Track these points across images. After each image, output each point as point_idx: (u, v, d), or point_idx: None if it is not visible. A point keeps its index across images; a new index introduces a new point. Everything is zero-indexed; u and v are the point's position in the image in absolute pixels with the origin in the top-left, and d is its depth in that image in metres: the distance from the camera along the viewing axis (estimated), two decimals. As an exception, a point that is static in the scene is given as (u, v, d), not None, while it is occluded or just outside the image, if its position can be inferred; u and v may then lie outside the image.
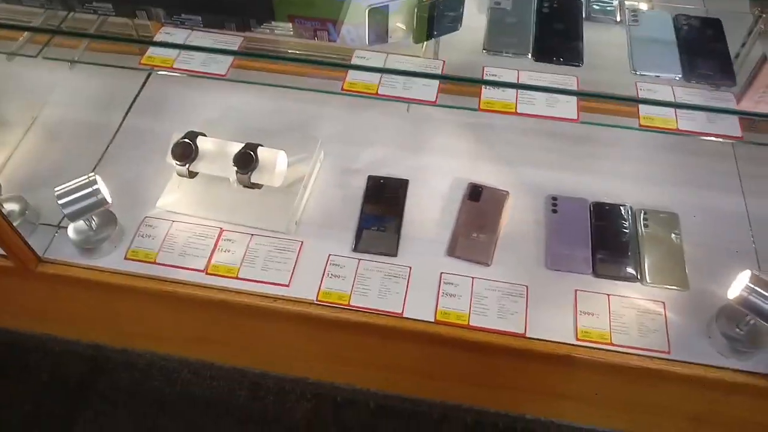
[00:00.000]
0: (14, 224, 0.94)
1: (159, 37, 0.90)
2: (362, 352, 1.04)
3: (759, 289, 0.81)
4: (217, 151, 0.98)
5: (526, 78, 0.86)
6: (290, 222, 1.00)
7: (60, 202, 0.90)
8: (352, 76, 0.86)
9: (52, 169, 1.09)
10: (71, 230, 0.98)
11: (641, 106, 0.81)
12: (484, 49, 0.92)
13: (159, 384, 1.21)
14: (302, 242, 0.99)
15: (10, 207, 1.00)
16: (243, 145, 0.97)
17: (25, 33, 0.94)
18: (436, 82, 0.85)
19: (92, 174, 0.92)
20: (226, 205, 1.01)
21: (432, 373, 1.06)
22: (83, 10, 0.92)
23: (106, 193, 0.92)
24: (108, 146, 1.13)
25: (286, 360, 1.14)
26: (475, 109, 0.83)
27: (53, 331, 1.23)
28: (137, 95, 1.20)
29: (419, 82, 0.85)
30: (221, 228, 1.01)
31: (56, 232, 1.01)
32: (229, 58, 0.88)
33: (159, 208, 1.03)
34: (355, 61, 0.87)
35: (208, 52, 0.88)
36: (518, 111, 0.83)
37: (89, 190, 0.91)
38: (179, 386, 1.20)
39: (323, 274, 0.96)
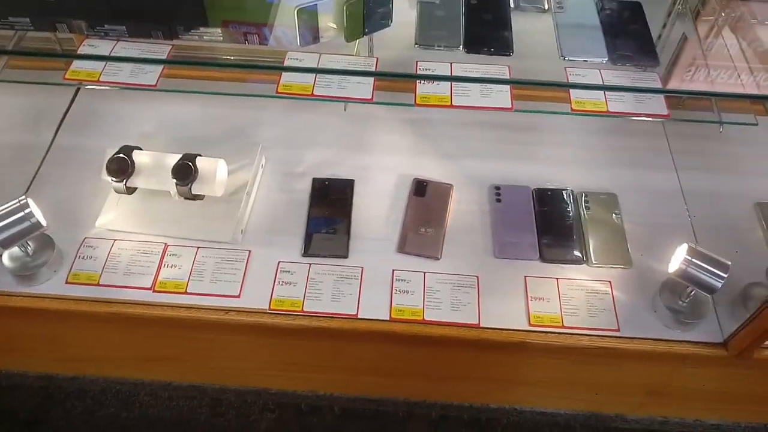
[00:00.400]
0: (-57, 256, 0.90)
1: (83, 50, 0.87)
2: (321, 357, 1.03)
3: (697, 261, 0.83)
4: (154, 164, 0.96)
5: (459, 70, 0.87)
6: (236, 231, 0.98)
7: (-11, 229, 0.86)
8: (287, 78, 0.85)
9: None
10: (6, 258, 0.93)
11: (572, 91, 0.83)
12: (416, 43, 0.93)
13: (116, 410, 1.17)
14: (250, 251, 0.98)
15: (-63, 239, 0.95)
16: (180, 156, 0.95)
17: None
18: (371, 80, 0.85)
19: (23, 197, 0.88)
20: (168, 219, 0.99)
21: (393, 372, 1.06)
22: (-3, 25, 0.88)
23: (39, 216, 0.89)
24: (39, 167, 1.08)
25: (245, 372, 1.12)
26: (411, 105, 0.83)
27: (-2, 365, 1.18)
28: (66, 112, 1.16)
29: (354, 81, 0.85)
30: (166, 243, 0.98)
31: (-11, 260, 0.97)
32: (159, 68, 0.86)
33: (98, 227, 0.99)
34: (288, 63, 0.87)
35: (135, 63, 0.86)
36: (454, 104, 0.84)
37: (21, 214, 0.87)
38: (137, 410, 1.17)
39: (274, 282, 0.94)
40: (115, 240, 0.98)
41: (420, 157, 1.10)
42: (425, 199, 1.03)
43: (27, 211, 0.87)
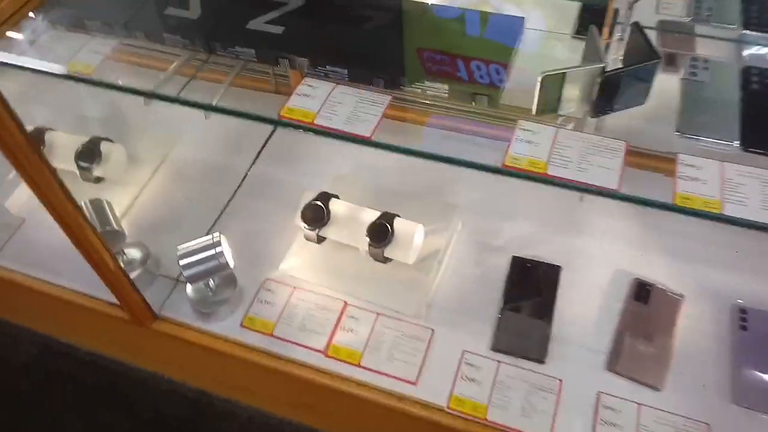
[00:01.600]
0: (135, 273, 0.90)
1: (301, 90, 0.82)
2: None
3: None
4: (349, 217, 0.89)
5: (732, 173, 0.69)
6: (421, 305, 0.88)
7: (182, 263, 0.83)
8: (516, 150, 0.73)
9: (176, 214, 1.05)
10: (190, 288, 0.92)
11: None
12: (676, 131, 0.76)
13: (257, 442, 1.13)
14: (433, 331, 0.87)
15: (133, 254, 0.96)
16: (379, 214, 0.87)
17: (169, 69, 0.90)
18: (618, 163, 0.70)
19: (217, 234, 0.85)
20: (353, 276, 0.92)
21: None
22: (224, 53, 0.87)
23: (228, 256, 0.85)
24: (233, 195, 1.07)
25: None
26: (670, 207, 0.67)
27: (160, 370, 1.19)
28: (267, 141, 1.14)
29: (596, 163, 0.71)
30: (345, 301, 0.91)
31: (174, 287, 0.96)
32: (376, 117, 0.79)
33: (281, 271, 0.95)
34: (518, 135, 0.74)
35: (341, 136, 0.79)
36: (725, 212, 0.67)
37: (212, 252, 0.84)
38: (277, 448, 1.12)
39: (456, 375, 0.83)
40: (294, 288, 0.93)
41: (645, 253, 0.93)
42: (647, 308, 0.86)
43: (218, 249, 0.84)
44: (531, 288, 0.90)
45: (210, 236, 0.85)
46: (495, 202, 1.01)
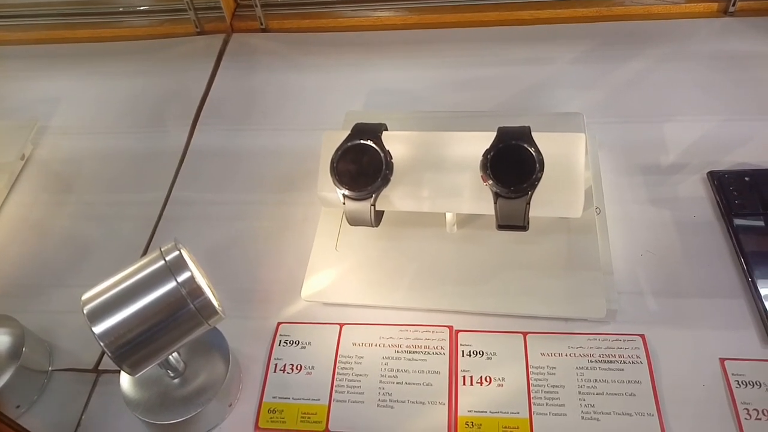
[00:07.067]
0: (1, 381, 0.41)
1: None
2: None
3: None
4: (429, 158, 0.44)
5: None
6: (604, 297, 0.45)
7: (99, 327, 0.35)
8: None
9: (61, 251, 0.55)
10: (128, 383, 0.43)
11: None
12: None
13: None
14: (643, 337, 0.44)
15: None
16: (492, 135, 0.43)
17: None
18: None
19: (172, 244, 0.38)
20: (454, 274, 0.47)
21: None
22: None
23: (207, 288, 0.38)
24: (166, 198, 0.59)
25: None
26: None
27: None
28: (203, 101, 0.67)
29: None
30: (449, 326, 0.46)
31: (93, 387, 0.46)
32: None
33: (307, 299, 0.48)
34: None
35: None
36: None
37: (172, 284, 0.36)
38: None
39: (734, 408, 0.40)
40: (342, 325, 0.47)
41: None
42: None
43: (185, 275, 0.37)
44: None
45: (157, 250, 0.37)
46: (618, 97, 0.60)
